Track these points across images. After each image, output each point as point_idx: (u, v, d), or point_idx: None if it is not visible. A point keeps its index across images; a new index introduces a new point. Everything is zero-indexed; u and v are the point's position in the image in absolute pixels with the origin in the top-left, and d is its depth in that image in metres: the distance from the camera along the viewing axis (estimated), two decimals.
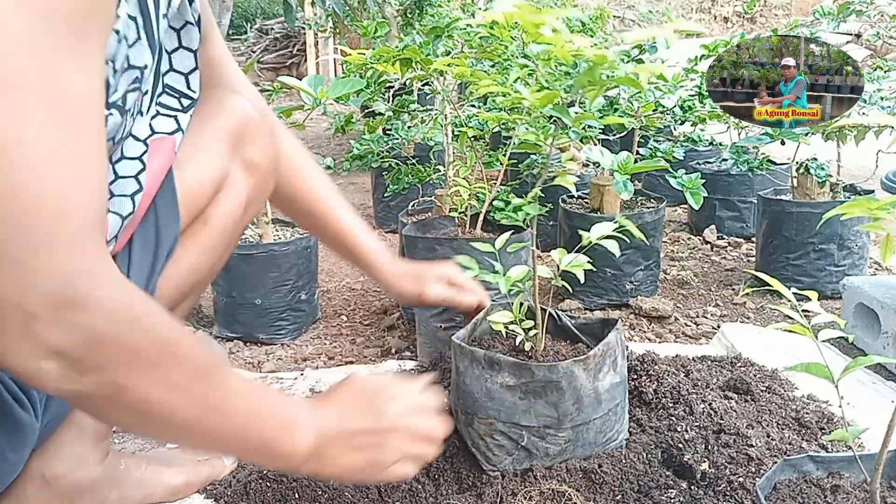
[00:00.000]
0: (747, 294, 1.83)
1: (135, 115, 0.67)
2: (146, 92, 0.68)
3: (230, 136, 0.86)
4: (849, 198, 1.79)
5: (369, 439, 0.71)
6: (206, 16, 0.83)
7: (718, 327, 1.60)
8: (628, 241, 0.97)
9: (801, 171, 1.79)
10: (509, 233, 1.10)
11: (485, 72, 1.18)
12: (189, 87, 0.76)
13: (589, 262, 0.98)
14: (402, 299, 1.07)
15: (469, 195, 1.52)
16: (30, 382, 0.52)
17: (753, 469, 0.90)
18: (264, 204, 0.94)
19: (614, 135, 1.82)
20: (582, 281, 1.06)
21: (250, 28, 9.15)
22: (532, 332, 0.98)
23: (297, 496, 0.95)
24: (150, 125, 0.72)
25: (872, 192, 1.77)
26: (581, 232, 0.96)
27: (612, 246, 0.94)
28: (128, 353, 0.53)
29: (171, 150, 0.75)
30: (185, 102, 0.76)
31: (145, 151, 0.70)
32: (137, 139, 0.69)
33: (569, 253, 0.98)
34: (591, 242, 0.94)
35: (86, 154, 0.50)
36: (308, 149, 1.04)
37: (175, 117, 0.75)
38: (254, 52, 8.62)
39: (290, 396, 0.84)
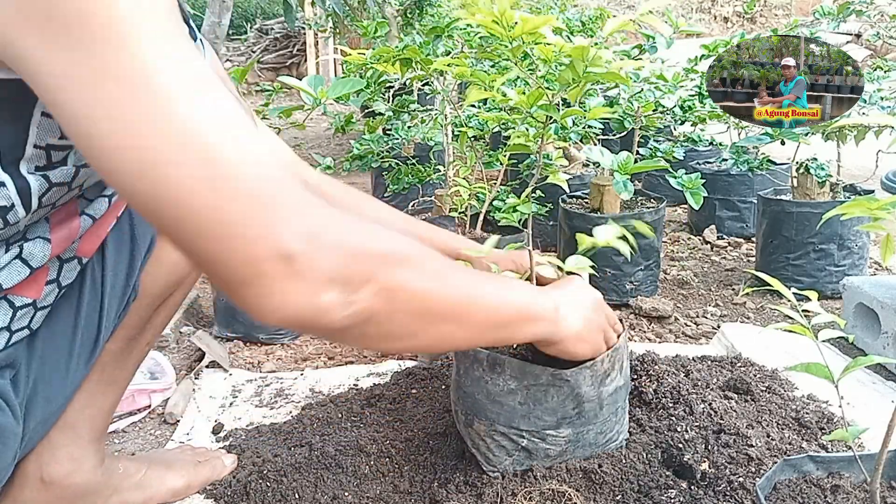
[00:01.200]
0: (747, 294, 1.83)
1: None
2: None
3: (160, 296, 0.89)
4: (849, 198, 1.79)
5: (589, 309, 0.86)
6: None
7: (718, 327, 1.60)
8: (627, 241, 0.97)
9: (801, 171, 1.79)
10: (497, 236, 1.09)
11: (485, 72, 1.18)
12: None
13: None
14: None
15: (469, 195, 1.52)
16: (318, 326, 0.53)
17: (753, 469, 0.90)
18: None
19: (614, 135, 1.82)
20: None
21: (250, 28, 9.16)
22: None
23: (297, 496, 0.95)
24: None
25: (872, 192, 1.77)
26: (584, 235, 0.95)
27: (624, 248, 0.93)
28: (381, 254, 0.56)
29: (96, 237, 0.75)
30: None
31: None
32: None
33: (569, 254, 0.98)
34: (596, 246, 0.94)
35: (239, 111, 0.51)
36: (308, 149, 1.03)
37: None
38: (254, 52, 8.63)
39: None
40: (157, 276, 0.88)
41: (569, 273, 0.97)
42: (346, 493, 0.96)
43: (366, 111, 2.31)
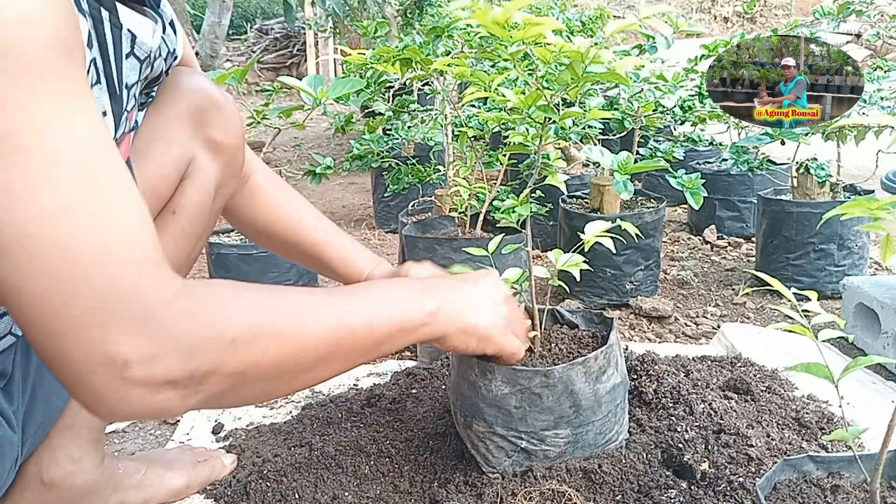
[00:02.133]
0: (747, 294, 1.83)
1: None
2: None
3: (189, 117, 0.83)
4: (849, 198, 1.79)
5: (487, 305, 0.82)
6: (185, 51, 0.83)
7: (718, 327, 1.60)
8: (625, 241, 0.97)
9: (801, 171, 1.79)
10: (501, 236, 1.10)
11: (485, 72, 1.18)
12: (150, 96, 0.75)
13: (587, 262, 0.98)
14: None
15: (469, 195, 1.52)
16: (162, 416, 0.53)
17: (753, 469, 0.90)
18: (237, 183, 0.93)
19: (614, 135, 1.82)
20: (578, 280, 1.06)
21: (250, 28, 9.16)
22: (531, 334, 0.98)
23: (297, 496, 0.95)
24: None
25: (872, 192, 1.77)
26: (581, 234, 0.96)
27: (608, 242, 0.94)
28: (227, 340, 0.53)
29: (127, 144, 0.73)
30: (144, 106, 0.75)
31: None
32: None
33: (567, 253, 0.98)
34: (589, 243, 0.94)
35: (112, 191, 0.49)
36: (308, 149, 1.03)
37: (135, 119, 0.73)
38: (254, 52, 8.63)
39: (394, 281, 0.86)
40: None
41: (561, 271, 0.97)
42: (346, 493, 0.96)
43: (366, 111, 2.31)
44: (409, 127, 1.92)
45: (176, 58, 0.79)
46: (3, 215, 0.44)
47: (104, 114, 0.61)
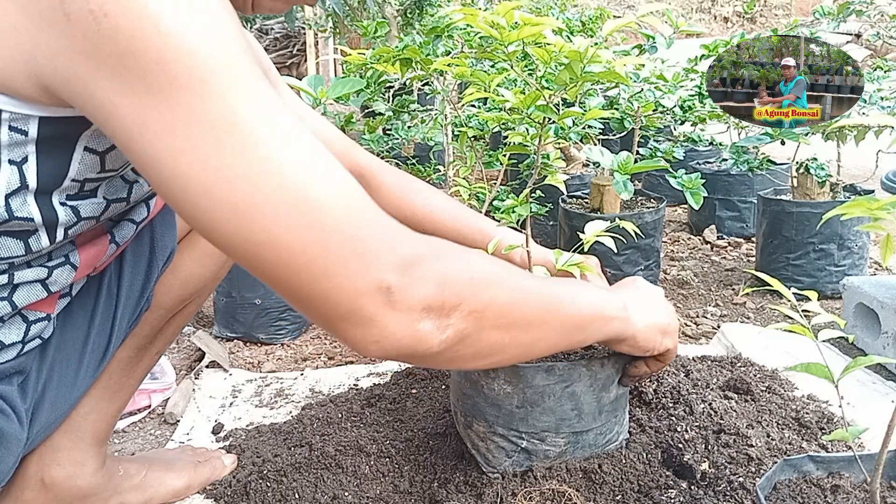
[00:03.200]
0: (747, 294, 1.83)
1: None
2: None
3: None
4: (849, 198, 1.79)
5: (656, 306, 0.86)
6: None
7: (718, 327, 1.60)
8: (625, 241, 0.97)
9: (801, 171, 1.79)
10: (499, 237, 1.09)
11: (485, 72, 1.18)
12: None
13: None
14: None
15: (469, 195, 1.52)
16: (415, 354, 0.55)
17: (753, 469, 0.90)
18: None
19: (614, 135, 1.82)
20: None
21: (250, 28, 9.15)
22: None
23: (297, 496, 0.95)
24: None
25: (872, 192, 1.77)
26: (580, 234, 0.96)
27: (609, 242, 0.94)
28: (466, 277, 0.58)
29: None
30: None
31: None
32: None
33: (567, 253, 0.98)
34: (589, 243, 0.94)
35: (320, 149, 0.52)
36: None
37: None
38: None
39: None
40: (172, 289, 0.88)
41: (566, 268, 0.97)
42: (346, 493, 0.96)
43: (366, 111, 2.31)
44: (409, 127, 1.92)
45: None
46: (253, 173, 0.48)
47: None
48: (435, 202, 1.02)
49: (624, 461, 0.94)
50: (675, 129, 2.05)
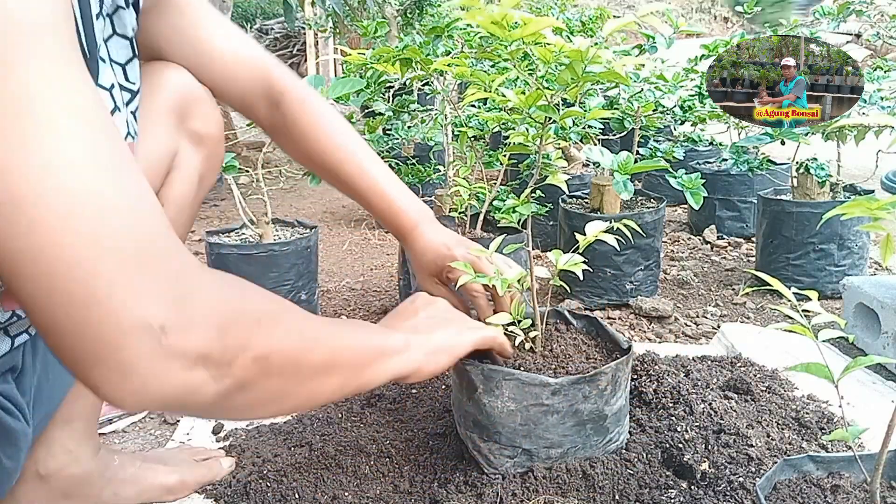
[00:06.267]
0: (747, 294, 1.83)
1: None
2: None
3: (172, 111, 0.83)
4: (849, 198, 1.79)
5: (436, 330, 0.83)
6: None
7: (718, 327, 1.60)
8: (625, 241, 0.97)
9: (801, 171, 1.79)
10: (501, 236, 1.10)
11: (485, 72, 1.18)
12: (127, 79, 0.70)
13: (587, 261, 0.98)
14: (423, 270, 0.99)
15: (469, 195, 1.52)
16: (185, 406, 0.48)
17: (753, 469, 0.90)
18: (218, 173, 0.94)
19: (614, 135, 1.82)
20: (581, 280, 1.06)
21: (250, 28, 9.15)
22: (532, 334, 0.98)
23: (297, 496, 0.95)
24: None
25: (872, 192, 1.77)
26: (577, 235, 0.96)
27: (611, 240, 0.94)
28: (253, 319, 0.52)
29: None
30: (126, 96, 0.70)
31: None
32: None
33: (567, 253, 0.98)
34: (587, 243, 0.94)
35: (124, 153, 0.46)
36: None
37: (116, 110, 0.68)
38: None
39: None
40: None
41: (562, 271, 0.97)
42: (346, 493, 0.96)
43: (366, 111, 2.31)
44: (409, 127, 1.93)
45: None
46: (32, 167, 0.40)
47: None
48: (350, 152, 0.94)
49: (624, 461, 0.94)
50: (675, 129, 2.05)
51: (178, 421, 1.25)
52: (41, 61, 0.42)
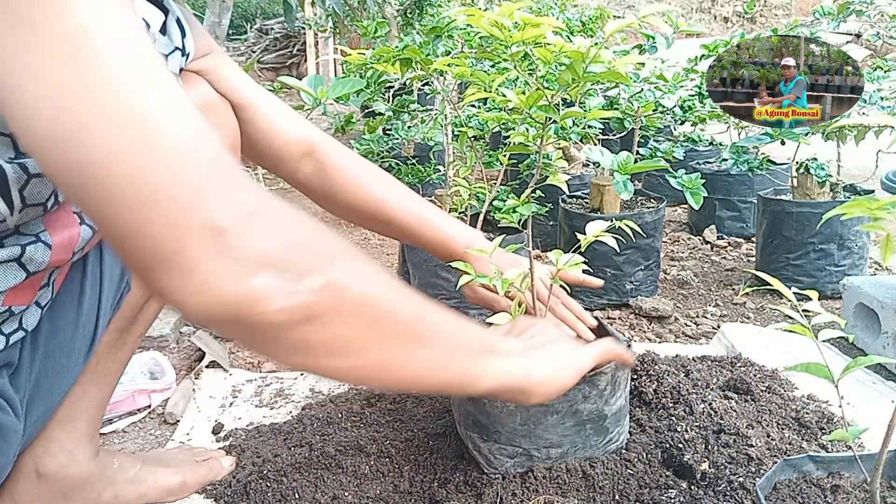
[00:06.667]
0: (747, 294, 1.83)
1: None
2: None
3: None
4: (849, 198, 1.79)
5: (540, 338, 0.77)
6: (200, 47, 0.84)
7: (718, 327, 1.60)
8: (625, 241, 0.97)
9: (801, 171, 1.79)
10: (501, 236, 1.10)
11: (485, 72, 1.18)
12: None
13: (587, 262, 0.98)
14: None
15: (469, 195, 1.52)
16: (249, 317, 0.44)
17: (753, 469, 0.90)
18: None
19: (614, 135, 1.82)
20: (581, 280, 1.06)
21: (250, 28, 9.16)
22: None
23: (297, 496, 0.95)
24: None
25: (872, 192, 1.77)
26: (578, 235, 0.96)
27: (611, 241, 0.94)
28: (327, 247, 0.49)
29: None
30: None
31: None
32: None
33: (567, 253, 0.98)
34: (587, 243, 0.94)
35: (178, 88, 0.47)
36: None
37: None
38: (254, 52, 8.63)
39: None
40: None
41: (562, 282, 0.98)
42: (346, 493, 0.96)
43: (366, 111, 2.31)
44: (409, 127, 1.93)
45: (187, 56, 0.79)
46: (96, 90, 0.43)
47: None
48: (393, 193, 0.96)
49: (624, 461, 0.94)
50: (675, 129, 2.05)
51: (178, 421, 1.25)
52: (94, 4, 0.44)
